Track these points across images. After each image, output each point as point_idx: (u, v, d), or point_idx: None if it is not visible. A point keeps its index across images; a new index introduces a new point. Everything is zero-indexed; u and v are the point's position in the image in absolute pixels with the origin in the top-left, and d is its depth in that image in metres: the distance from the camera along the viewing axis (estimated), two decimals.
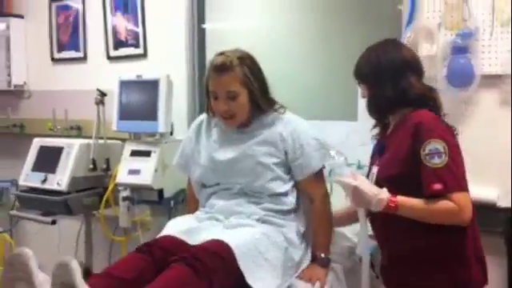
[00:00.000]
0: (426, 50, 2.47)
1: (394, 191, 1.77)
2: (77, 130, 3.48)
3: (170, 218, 2.37)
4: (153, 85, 2.82)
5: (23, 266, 1.51)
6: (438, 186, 1.71)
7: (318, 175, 2.13)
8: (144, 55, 3.34)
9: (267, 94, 2.16)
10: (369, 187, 1.78)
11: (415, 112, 1.86)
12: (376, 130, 2.09)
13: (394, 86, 1.89)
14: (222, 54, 2.09)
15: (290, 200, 2.10)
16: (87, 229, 3.20)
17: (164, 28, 3.26)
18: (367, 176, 1.98)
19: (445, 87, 2.38)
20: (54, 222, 2.95)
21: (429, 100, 1.91)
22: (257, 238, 1.92)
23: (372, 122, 2.09)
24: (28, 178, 3.10)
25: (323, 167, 2.13)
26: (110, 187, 2.97)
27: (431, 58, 2.45)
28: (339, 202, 2.15)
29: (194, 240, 1.90)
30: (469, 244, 1.82)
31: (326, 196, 2.15)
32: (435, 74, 2.41)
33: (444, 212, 1.72)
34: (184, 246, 1.85)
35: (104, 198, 2.98)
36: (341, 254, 2.25)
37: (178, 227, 2.00)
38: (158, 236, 1.98)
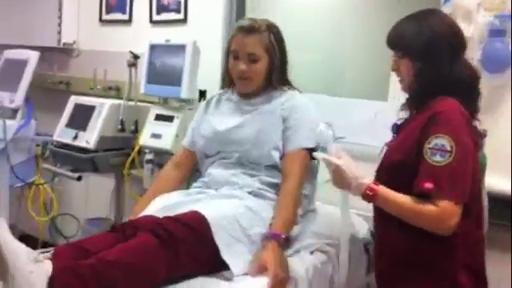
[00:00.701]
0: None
1: (392, 179, 1.65)
2: (115, 91, 3.54)
3: (188, 184, 2.34)
4: (180, 50, 2.80)
5: None
6: (428, 185, 1.54)
7: (302, 155, 2.04)
8: (184, 20, 3.33)
9: (285, 70, 2.18)
10: (351, 169, 1.66)
11: (444, 100, 1.65)
12: (404, 113, 1.85)
13: (451, 65, 1.67)
14: (250, 18, 2.14)
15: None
16: (117, 187, 3.27)
17: None
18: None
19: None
20: (79, 178, 3.03)
21: (472, 88, 1.72)
22: (240, 212, 1.88)
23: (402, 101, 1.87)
24: (61, 133, 3.20)
25: (311, 151, 2.02)
26: (136, 149, 3.00)
27: (467, 40, 2.30)
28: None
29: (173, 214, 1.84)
30: (457, 254, 1.63)
31: (300, 180, 2.02)
32: (471, 58, 2.24)
33: (423, 216, 1.56)
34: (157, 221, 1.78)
35: (129, 159, 3.02)
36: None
37: (159, 204, 1.97)
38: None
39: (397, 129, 1.88)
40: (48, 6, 3.90)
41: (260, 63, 2.07)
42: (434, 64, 1.68)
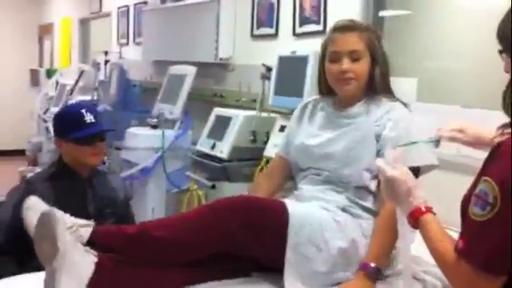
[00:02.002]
0: None
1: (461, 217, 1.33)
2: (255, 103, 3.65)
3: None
4: (303, 61, 2.79)
5: (50, 227, 1.60)
6: (460, 244, 1.23)
7: None
8: (323, 32, 3.30)
9: (388, 77, 2.00)
10: (407, 183, 1.40)
11: None
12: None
13: None
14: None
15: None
16: None
17: (343, 9, 3.18)
18: None
19: None
20: (213, 187, 3.18)
21: None
22: (325, 219, 1.81)
23: None
24: (203, 143, 3.39)
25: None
26: (264, 160, 3.05)
27: None
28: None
29: None
30: None
31: None
32: None
33: (445, 271, 1.29)
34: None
35: (258, 169, 3.08)
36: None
37: None
38: None
39: None
40: (207, 23, 4.17)
41: (362, 61, 1.92)
42: None
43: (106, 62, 5.68)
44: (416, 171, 1.72)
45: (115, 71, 5.05)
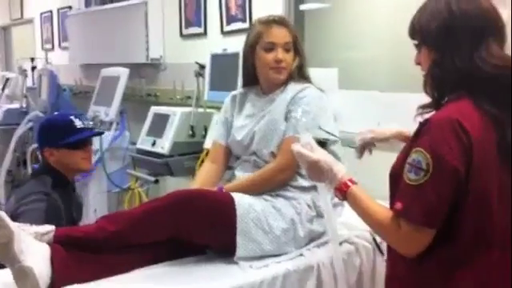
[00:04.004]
0: None
1: (390, 189, 1.49)
2: (191, 99, 3.81)
3: None
4: (235, 57, 2.98)
5: None
6: (398, 205, 1.38)
7: (289, 144, 1.97)
8: (249, 29, 3.50)
9: (306, 66, 2.25)
10: (327, 161, 1.53)
11: (450, 104, 1.41)
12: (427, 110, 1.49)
13: (470, 53, 1.37)
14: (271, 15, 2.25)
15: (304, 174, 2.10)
16: None
17: (266, 6, 3.39)
18: None
19: None
20: (156, 182, 3.33)
21: (501, 83, 1.39)
22: (266, 207, 2.02)
23: None
24: (143, 141, 3.53)
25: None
26: (204, 152, 3.23)
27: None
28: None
29: None
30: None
31: (279, 165, 2.08)
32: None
33: (386, 234, 1.45)
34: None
35: (198, 162, 3.26)
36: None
37: None
38: None
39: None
40: (135, 25, 4.29)
41: (291, 53, 2.18)
42: (448, 52, 1.39)
43: (33, 68, 5.65)
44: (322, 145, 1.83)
45: (45, 77, 5.05)
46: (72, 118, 2.45)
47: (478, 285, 1.40)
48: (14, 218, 2.14)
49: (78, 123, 2.43)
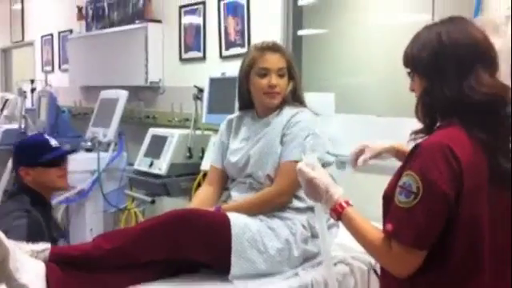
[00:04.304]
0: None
1: (383, 212, 1.53)
2: (189, 122, 3.86)
3: None
4: (232, 81, 3.02)
5: None
6: (389, 226, 1.42)
7: (288, 167, 2.10)
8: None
9: (300, 89, 2.31)
10: (323, 181, 1.59)
11: (440, 130, 1.46)
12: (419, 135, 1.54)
13: (459, 81, 1.42)
14: (265, 41, 2.29)
15: (302, 196, 2.11)
16: None
17: (265, 31, 3.46)
18: None
19: None
20: (153, 202, 3.37)
21: (491, 110, 1.43)
22: (261, 227, 2.05)
23: None
24: (140, 162, 3.56)
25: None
26: (201, 174, 3.26)
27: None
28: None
29: None
30: None
31: (280, 189, 2.13)
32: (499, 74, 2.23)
33: (379, 255, 1.48)
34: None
35: (195, 183, 3.29)
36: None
37: None
38: None
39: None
40: (135, 49, 4.37)
41: (285, 78, 2.23)
42: (438, 81, 1.44)
43: (33, 90, 5.70)
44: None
45: (44, 98, 5.09)
46: (46, 137, 2.52)
47: None
48: None
49: (53, 142, 2.48)
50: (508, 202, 1.47)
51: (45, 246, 1.86)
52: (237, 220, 2.02)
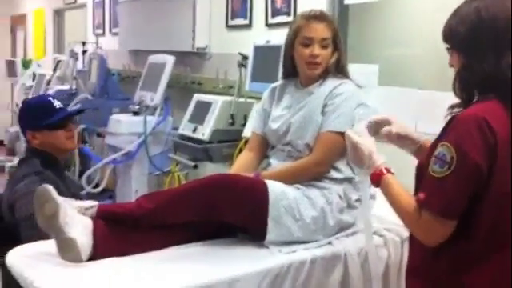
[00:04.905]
0: None
1: (417, 181, 1.57)
2: (233, 89, 3.90)
3: None
4: (277, 50, 3.04)
5: (46, 194, 1.84)
6: (421, 195, 1.45)
7: (327, 137, 2.14)
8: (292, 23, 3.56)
9: (345, 61, 2.30)
10: (368, 148, 1.63)
11: (476, 104, 1.46)
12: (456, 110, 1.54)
13: (496, 57, 1.41)
14: (313, 9, 2.28)
15: (340, 167, 2.17)
16: None
17: (310, 0, 3.43)
18: None
19: None
20: (195, 167, 3.45)
21: None
22: (298, 195, 2.09)
23: None
24: (185, 127, 3.65)
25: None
26: (243, 141, 3.32)
27: None
28: None
29: None
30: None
31: (317, 158, 2.16)
32: None
33: (409, 223, 1.51)
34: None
35: (237, 150, 3.35)
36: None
37: None
38: None
39: None
40: (183, 14, 4.41)
41: (329, 49, 2.22)
42: (475, 57, 1.44)
43: (84, 52, 5.84)
44: None
45: (95, 61, 5.23)
46: (50, 98, 2.47)
47: (492, 282, 1.45)
48: (12, 204, 2.25)
49: (57, 103, 2.44)
50: None
51: (92, 203, 1.97)
52: (274, 187, 2.07)
